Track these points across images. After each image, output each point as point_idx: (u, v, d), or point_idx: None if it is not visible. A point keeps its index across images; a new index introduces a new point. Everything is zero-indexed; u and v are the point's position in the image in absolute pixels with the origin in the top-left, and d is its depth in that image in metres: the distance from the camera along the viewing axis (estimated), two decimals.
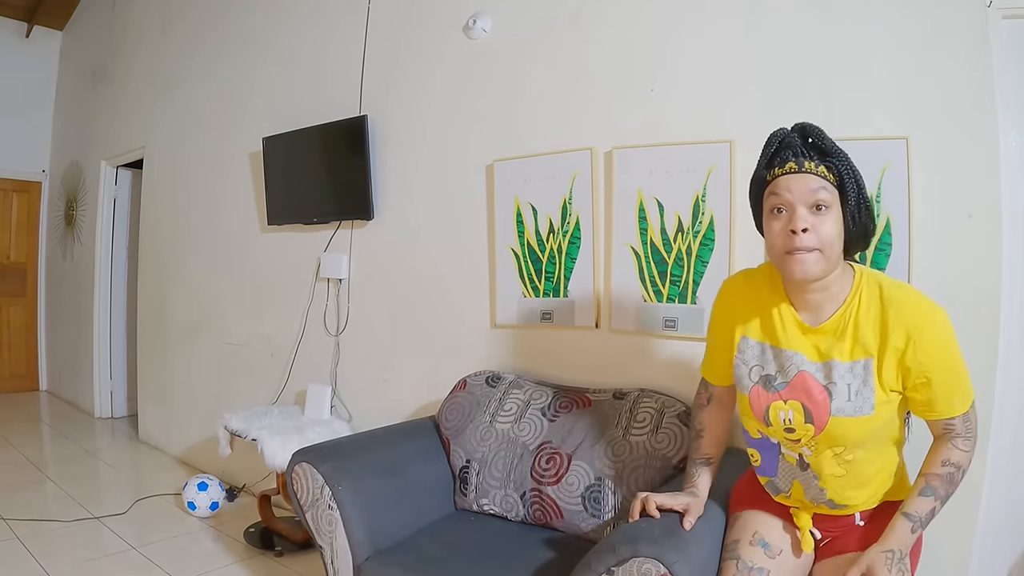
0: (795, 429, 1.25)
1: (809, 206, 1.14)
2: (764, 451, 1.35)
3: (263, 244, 3.41)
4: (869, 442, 1.23)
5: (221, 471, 3.45)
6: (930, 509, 1.21)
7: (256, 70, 3.47)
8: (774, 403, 1.27)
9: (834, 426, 1.21)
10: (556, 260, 2.28)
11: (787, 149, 1.18)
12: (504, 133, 2.43)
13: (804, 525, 1.34)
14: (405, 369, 2.76)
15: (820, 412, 1.22)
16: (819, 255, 1.14)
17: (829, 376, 1.22)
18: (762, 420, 1.30)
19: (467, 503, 2.06)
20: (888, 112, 1.66)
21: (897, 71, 1.66)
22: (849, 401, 1.19)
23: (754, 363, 1.31)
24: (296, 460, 1.88)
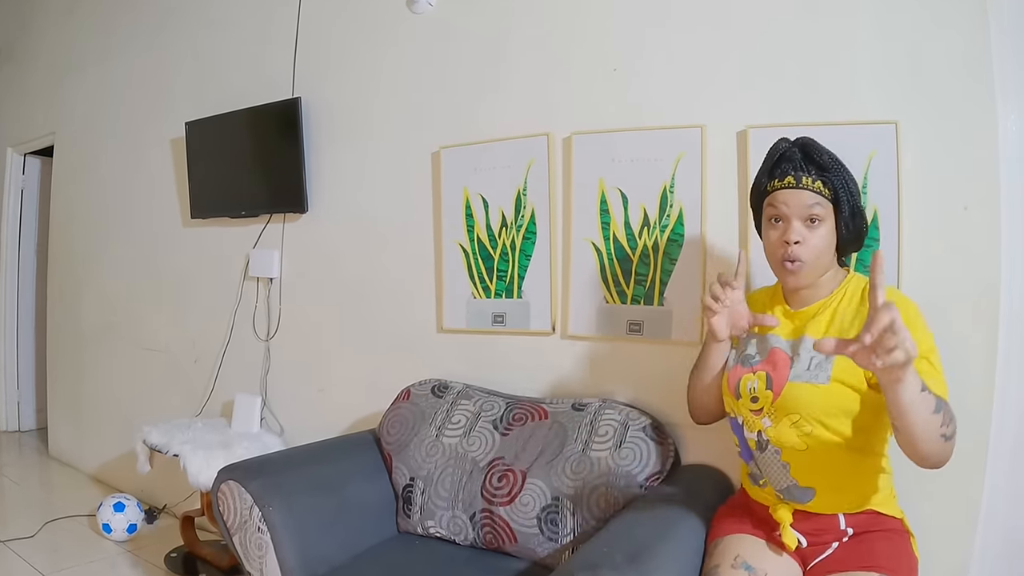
0: (758, 397, 1.36)
1: (803, 220, 1.30)
2: (736, 433, 1.45)
3: (186, 239, 3.27)
4: (830, 417, 1.28)
5: (140, 490, 3.29)
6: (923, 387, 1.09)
7: (178, 48, 3.32)
8: (745, 375, 1.40)
9: (789, 391, 1.31)
10: (509, 257, 2.19)
11: (787, 162, 1.32)
12: (452, 117, 2.33)
13: (784, 519, 1.34)
14: (343, 377, 2.67)
15: (779, 378, 1.33)
16: (808, 267, 1.30)
17: (797, 349, 1.34)
18: (733, 393, 1.41)
19: (411, 525, 1.97)
20: (875, 94, 1.60)
21: (885, 49, 1.60)
22: (808, 370, 1.29)
23: (744, 349, 1.45)
24: (222, 478, 1.82)
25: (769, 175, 1.35)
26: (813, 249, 1.28)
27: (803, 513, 1.34)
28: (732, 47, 1.80)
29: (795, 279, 1.32)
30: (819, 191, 1.28)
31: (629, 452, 1.73)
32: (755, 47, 1.76)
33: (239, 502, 1.76)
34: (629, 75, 1.97)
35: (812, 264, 1.29)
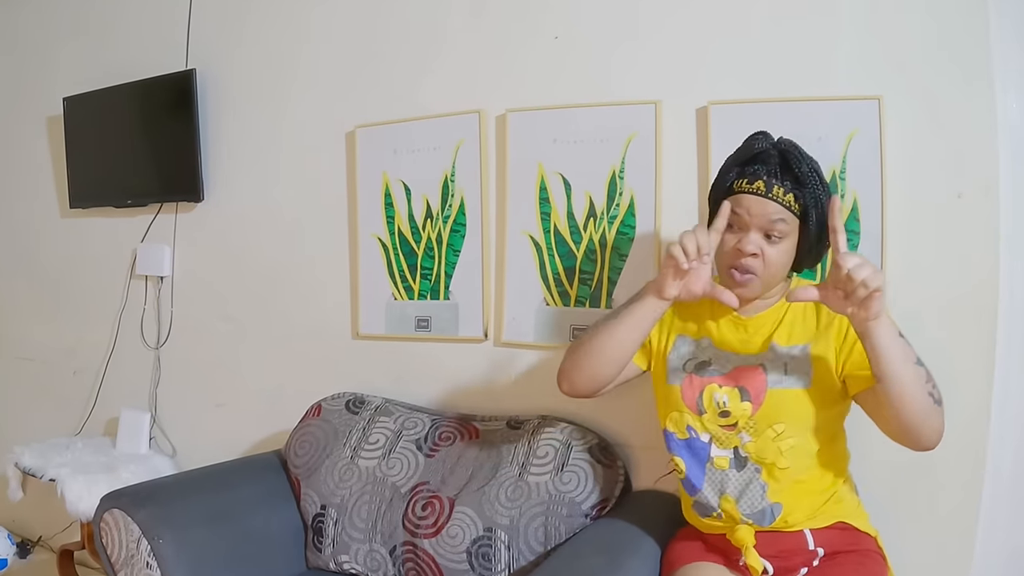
0: (730, 412, 1.30)
1: (763, 232, 1.23)
2: (690, 456, 1.36)
3: (64, 232, 3.06)
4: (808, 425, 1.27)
5: (11, 520, 3.06)
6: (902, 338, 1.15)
7: (57, 12, 3.09)
8: (708, 386, 1.33)
9: (772, 398, 1.27)
10: (435, 253, 2.10)
11: (761, 164, 1.23)
12: (369, 92, 2.22)
13: (745, 540, 1.28)
14: (245, 391, 2.55)
15: (757, 388, 1.28)
16: (758, 280, 1.25)
17: (766, 358, 1.30)
18: (695, 408, 1.34)
19: (322, 560, 1.88)
20: (855, 65, 1.53)
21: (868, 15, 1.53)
22: (786, 375, 1.27)
23: (688, 356, 1.38)
24: (105, 506, 1.74)
25: (739, 173, 1.26)
26: (770, 265, 1.24)
27: (767, 535, 1.29)
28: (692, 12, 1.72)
29: (742, 291, 1.26)
30: (788, 205, 1.21)
31: (572, 476, 1.65)
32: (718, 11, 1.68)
33: (125, 534, 1.69)
34: (572, 44, 1.88)
35: (765, 279, 1.25)
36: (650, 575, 1.41)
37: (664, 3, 1.75)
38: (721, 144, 1.60)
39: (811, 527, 1.28)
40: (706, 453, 1.33)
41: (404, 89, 2.15)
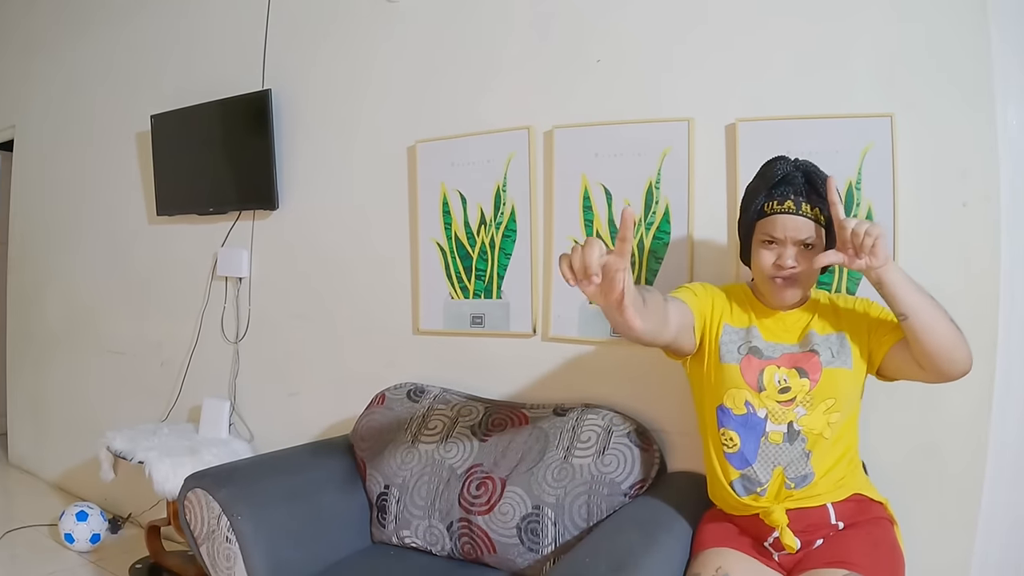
0: (790, 387, 1.38)
1: (798, 245, 1.36)
2: (746, 431, 1.40)
3: (152, 237, 3.23)
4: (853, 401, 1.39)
5: (103, 498, 3.23)
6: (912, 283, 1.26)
7: (145, 37, 3.26)
8: (768, 366, 1.41)
9: (827, 376, 1.37)
10: (488, 256, 2.17)
11: (788, 185, 1.35)
12: (429, 110, 2.31)
13: (781, 522, 1.35)
14: (315, 381, 2.64)
15: (813, 368, 1.38)
16: (799, 285, 1.39)
17: (808, 344, 1.41)
18: (755, 386, 1.40)
19: (386, 535, 1.95)
20: (870, 85, 1.58)
21: (881, 40, 1.58)
22: (835, 357, 1.38)
23: (742, 341, 1.45)
24: (189, 486, 1.80)
25: (767, 195, 1.37)
26: (808, 272, 1.36)
27: (795, 512, 1.35)
28: (722, 37, 1.79)
29: (785, 294, 1.40)
30: (815, 219, 1.33)
31: (612, 459, 1.72)
32: (745, 37, 1.75)
33: (207, 511, 1.74)
34: (613, 66, 1.96)
35: (803, 284, 1.39)
36: (682, 551, 1.45)
37: (696, 30, 1.82)
38: (748, 157, 1.68)
39: (833, 500, 1.35)
40: (762, 428, 1.39)
41: (460, 108, 2.23)
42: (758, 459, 1.37)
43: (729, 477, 1.41)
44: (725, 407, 1.43)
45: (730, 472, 1.41)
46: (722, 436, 1.42)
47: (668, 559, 1.39)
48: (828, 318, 1.42)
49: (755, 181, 1.41)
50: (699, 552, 1.42)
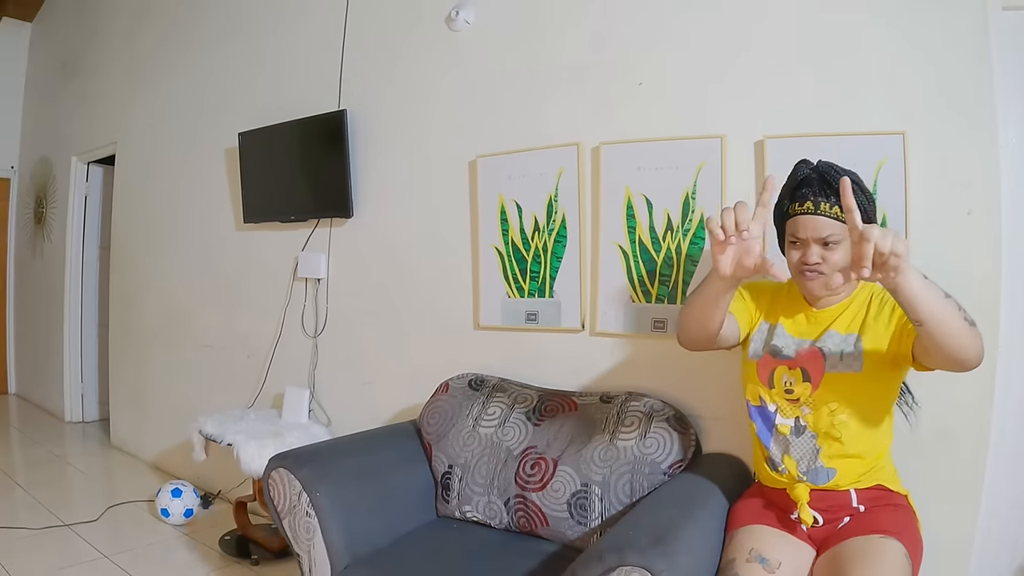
0: (794, 390, 1.44)
1: (820, 243, 1.36)
2: (761, 420, 1.50)
3: (239, 242, 3.37)
4: (859, 404, 1.39)
5: (195, 477, 3.40)
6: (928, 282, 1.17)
7: (232, 63, 3.43)
8: (779, 367, 1.47)
9: (828, 381, 1.40)
10: (541, 259, 2.26)
11: (807, 187, 1.37)
12: (488, 128, 2.40)
13: (801, 497, 1.40)
14: (386, 372, 2.73)
15: (816, 371, 1.41)
16: (825, 278, 1.37)
17: (824, 343, 1.43)
18: (766, 382, 1.48)
19: (449, 510, 2.03)
20: (885, 106, 1.65)
21: (894, 64, 1.65)
22: (840, 360, 1.39)
23: (767, 339, 1.51)
24: (273, 465, 1.86)
25: (791, 198, 1.40)
26: (832, 266, 1.35)
27: (819, 492, 1.40)
28: (751, 63, 1.86)
29: (812, 284, 1.39)
30: (836, 216, 1.33)
31: (653, 441, 1.79)
32: (773, 63, 1.82)
33: (289, 488, 1.82)
34: (654, 88, 2.03)
35: (831, 276, 1.34)
36: (716, 525, 1.50)
37: (729, 58, 1.89)
38: (775, 170, 1.70)
39: (856, 487, 1.40)
40: (772, 420, 1.47)
41: (517, 126, 2.31)
42: (771, 445, 1.47)
43: (763, 453, 1.51)
44: (747, 398, 1.54)
45: (763, 449, 1.51)
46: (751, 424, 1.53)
47: (703, 532, 1.43)
48: (858, 316, 1.41)
49: (783, 186, 1.44)
50: (733, 531, 1.47)
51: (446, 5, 2.49)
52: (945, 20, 1.58)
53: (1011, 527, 1.57)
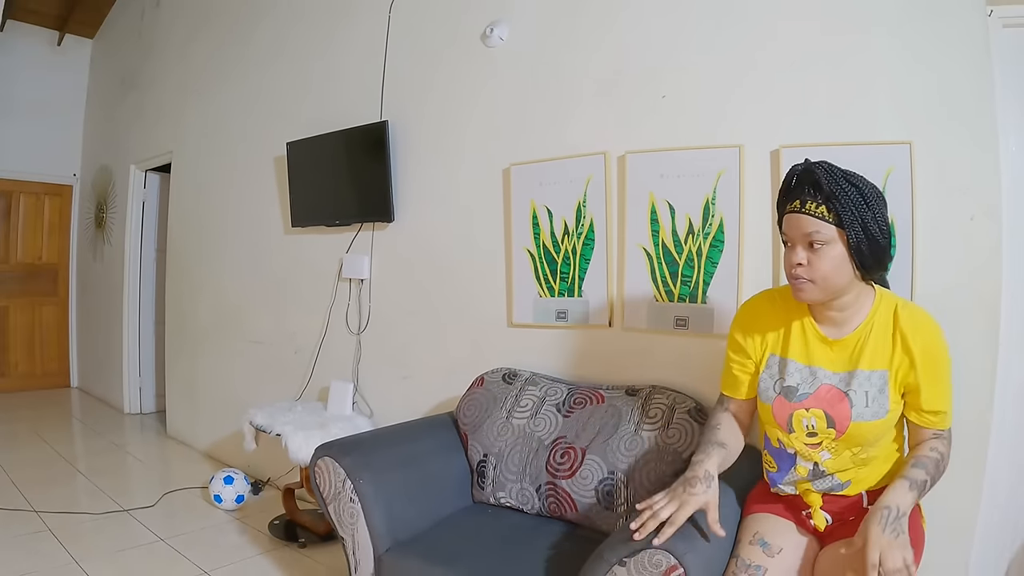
0: (817, 434, 1.36)
1: (805, 244, 1.29)
2: (779, 460, 1.45)
3: (287, 245, 3.46)
4: (881, 443, 1.36)
5: (246, 465, 3.50)
6: (923, 480, 1.27)
7: (281, 77, 3.53)
8: (797, 411, 1.38)
9: (855, 429, 1.32)
10: (571, 261, 2.31)
11: (798, 186, 1.31)
12: (520, 138, 2.47)
13: (814, 502, 1.40)
14: (424, 366, 2.80)
15: (842, 418, 1.33)
16: (812, 285, 1.29)
17: (849, 384, 1.34)
18: (785, 427, 1.40)
19: (484, 496, 2.10)
20: (892, 118, 1.69)
21: (900, 79, 1.70)
22: (867, 407, 1.32)
23: (778, 376, 1.42)
24: (319, 454, 1.93)
25: (787, 197, 1.35)
26: (818, 270, 1.27)
27: (831, 497, 1.41)
28: (767, 76, 1.91)
29: (801, 295, 1.32)
30: (821, 216, 1.25)
31: (676, 432, 1.84)
32: (788, 77, 1.87)
33: (334, 476, 1.87)
34: (676, 101, 2.09)
35: (820, 284, 1.29)
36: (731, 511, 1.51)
37: (747, 72, 1.94)
38: None
39: (866, 489, 1.40)
40: (792, 462, 1.42)
41: (548, 136, 2.37)
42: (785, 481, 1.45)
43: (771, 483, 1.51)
44: (767, 436, 1.49)
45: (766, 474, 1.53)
46: (764, 454, 1.51)
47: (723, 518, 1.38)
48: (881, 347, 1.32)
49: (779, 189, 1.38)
50: (745, 517, 1.49)
51: (481, 23, 2.57)
52: (949, 37, 1.62)
53: (1011, 512, 1.62)
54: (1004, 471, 1.60)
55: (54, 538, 2.68)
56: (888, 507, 1.21)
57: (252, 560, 2.60)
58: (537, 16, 2.44)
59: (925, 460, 1.30)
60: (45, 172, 5.83)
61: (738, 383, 1.54)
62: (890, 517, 1.20)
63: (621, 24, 2.23)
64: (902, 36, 1.69)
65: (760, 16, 1.93)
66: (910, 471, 1.28)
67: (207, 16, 4.17)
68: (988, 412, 1.58)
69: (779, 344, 1.44)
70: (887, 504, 1.22)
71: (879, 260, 1.31)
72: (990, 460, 1.56)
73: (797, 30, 1.86)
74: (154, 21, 4.82)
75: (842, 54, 1.78)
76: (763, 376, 1.45)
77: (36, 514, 2.92)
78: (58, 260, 6.02)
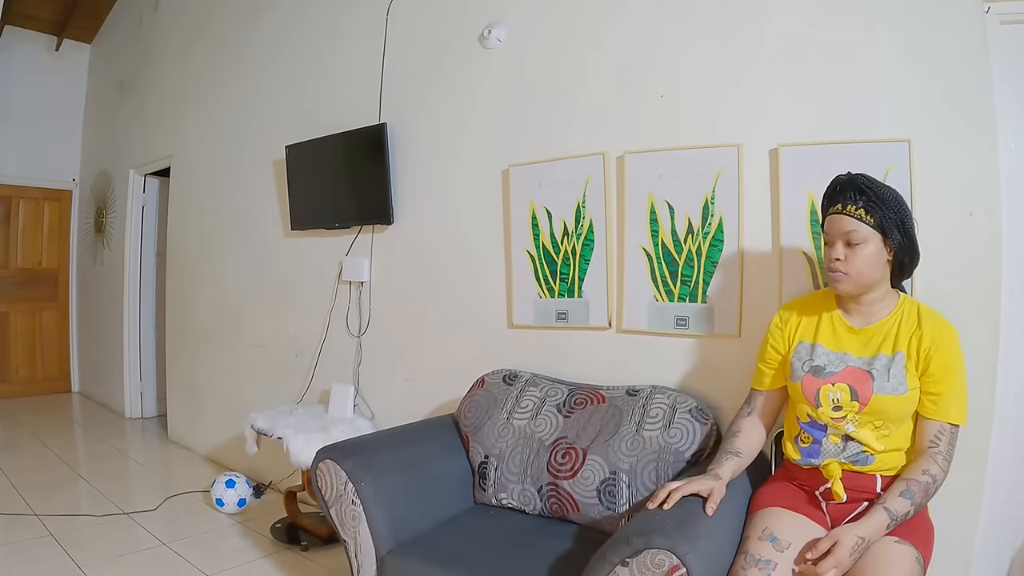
0: (842, 407, 1.47)
1: (844, 242, 1.45)
2: (813, 431, 1.53)
3: (287, 248, 3.47)
4: (902, 420, 1.45)
5: (248, 469, 3.52)
6: (905, 512, 1.38)
7: (279, 80, 3.54)
8: (823, 386, 1.50)
9: (876, 402, 1.43)
10: (570, 262, 2.32)
11: (842, 193, 1.46)
12: (519, 139, 2.48)
13: (835, 473, 1.47)
14: (425, 368, 2.80)
15: (864, 391, 1.45)
16: (847, 277, 1.45)
17: (872, 364, 1.47)
18: (812, 402, 1.51)
19: (486, 497, 2.10)
20: (891, 116, 1.70)
21: (899, 76, 1.70)
22: (888, 382, 1.43)
23: (807, 358, 1.55)
24: (320, 457, 1.93)
25: (830, 202, 1.49)
26: (853, 265, 1.44)
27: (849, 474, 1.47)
28: (765, 75, 1.92)
29: (837, 286, 1.48)
30: (860, 217, 1.42)
31: (677, 432, 1.85)
32: (786, 75, 1.88)
33: (335, 478, 1.87)
34: (674, 100, 2.10)
35: (855, 277, 1.45)
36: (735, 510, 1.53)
37: (744, 71, 1.94)
38: (788, 176, 1.81)
39: (882, 473, 1.45)
40: (823, 434, 1.51)
41: (546, 137, 2.38)
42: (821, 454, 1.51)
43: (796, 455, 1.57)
44: (798, 418, 1.58)
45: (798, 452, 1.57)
46: (801, 433, 1.56)
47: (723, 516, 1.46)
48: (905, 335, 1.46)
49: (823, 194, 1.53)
50: (754, 513, 1.52)
51: (479, 24, 2.57)
52: (947, 35, 1.63)
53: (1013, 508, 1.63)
54: (1005, 467, 1.61)
55: (56, 543, 2.68)
56: (863, 538, 1.33)
57: (254, 564, 2.60)
58: (535, 17, 2.45)
59: (914, 488, 1.40)
60: (44, 177, 5.85)
61: (767, 377, 1.68)
62: (860, 547, 1.32)
63: (619, 24, 2.23)
64: (900, 34, 1.70)
65: (757, 14, 1.93)
66: (895, 501, 1.38)
67: (205, 19, 4.18)
68: (989, 408, 1.58)
69: (809, 333, 1.58)
70: (861, 534, 1.33)
71: (913, 259, 1.48)
72: (991, 457, 1.57)
73: (795, 29, 1.86)
74: (152, 25, 4.84)
75: (840, 53, 1.78)
76: (793, 360, 1.57)
77: (38, 519, 2.93)
78: (58, 265, 6.03)
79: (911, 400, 1.44)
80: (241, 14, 3.85)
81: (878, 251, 1.44)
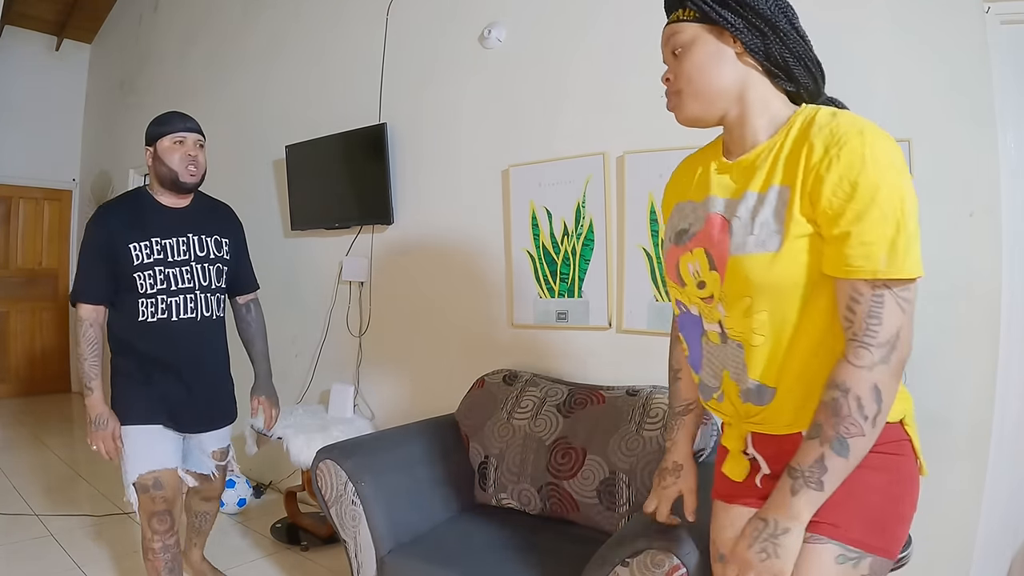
0: (705, 282, 1.05)
1: (671, 54, 1.07)
2: (689, 331, 1.14)
3: (287, 248, 3.48)
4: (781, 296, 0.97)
5: (248, 469, 3.49)
6: (817, 457, 0.91)
7: (279, 80, 3.55)
8: (682, 256, 1.09)
9: (732, 267, 0.99)
10: (571, 262, 2.33)
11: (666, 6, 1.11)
12: (519, 139, 2.48)
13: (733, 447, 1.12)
14: (425, 368, 2.81)
15: (720, 251, 1.01)
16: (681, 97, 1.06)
17: (735, 210, 1.01)
18: (676, 279, 1.13)
19: (486, 497, 2.11)
20: (890, 115, 1.68)
21: (898, 76, 1.70)
22: (752, 235, 0.97)
23: (676, 224, 1.14)
24: (320, 457, 1.94)
25: None
26: (681, 76, 1.04)
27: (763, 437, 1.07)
28: None
29: (675, 113, 1.09)
30: (679, 18, 1.05)
31: None
32: None
33: (335, 478, 1.89)
34: None
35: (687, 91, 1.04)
36: None
37: None
38: None
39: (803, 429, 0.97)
40: (700, 327, 1.10)
41: (546, 137, 2.38)
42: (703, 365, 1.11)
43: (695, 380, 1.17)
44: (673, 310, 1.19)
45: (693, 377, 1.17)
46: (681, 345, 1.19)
47: None
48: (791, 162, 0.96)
49: None
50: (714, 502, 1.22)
51: (479, 24, 2.58)
52: (948, 34, 1.63)
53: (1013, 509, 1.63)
54: (1006, 469, 1.61)
55: (56, 543, 2.69)
56: (765, 520, 0.95)
57: (254, 563, 2.60)
58: (535, 17, 2.45)
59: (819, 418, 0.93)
60: (44, 177, 5.86)
61: None
62: (764, 532, 0.94)
63: (619, 24, 2.23)
64: (899, 34, 1.70)
65: None
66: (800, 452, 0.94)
67: (205, 19, 4.19)
68: (989, 409, 1.58)
69: (685, 190, 1.15)
70: (764, 516, 0.96)
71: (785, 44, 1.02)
72: (992, 457, 1.57)
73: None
74: (152, 25, 4.85)
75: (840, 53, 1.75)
76: (666, 229, 1.17)
77: (38, 519, 2.93)
78: (58, 265, 6.03)
79: (790, 260, 0.94)
80: (241, 14, 3.86)
81: (714, 49, 1.02)
